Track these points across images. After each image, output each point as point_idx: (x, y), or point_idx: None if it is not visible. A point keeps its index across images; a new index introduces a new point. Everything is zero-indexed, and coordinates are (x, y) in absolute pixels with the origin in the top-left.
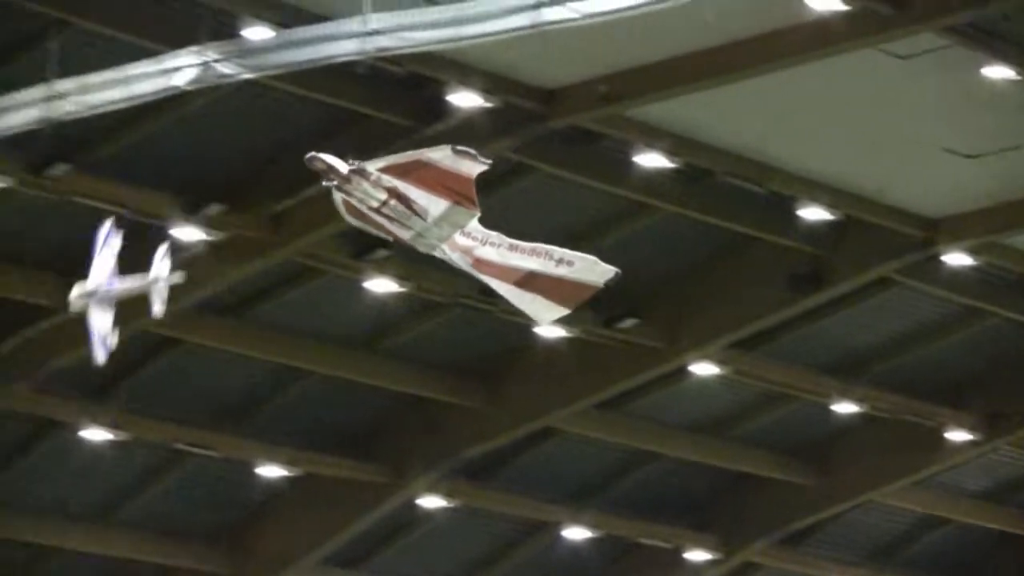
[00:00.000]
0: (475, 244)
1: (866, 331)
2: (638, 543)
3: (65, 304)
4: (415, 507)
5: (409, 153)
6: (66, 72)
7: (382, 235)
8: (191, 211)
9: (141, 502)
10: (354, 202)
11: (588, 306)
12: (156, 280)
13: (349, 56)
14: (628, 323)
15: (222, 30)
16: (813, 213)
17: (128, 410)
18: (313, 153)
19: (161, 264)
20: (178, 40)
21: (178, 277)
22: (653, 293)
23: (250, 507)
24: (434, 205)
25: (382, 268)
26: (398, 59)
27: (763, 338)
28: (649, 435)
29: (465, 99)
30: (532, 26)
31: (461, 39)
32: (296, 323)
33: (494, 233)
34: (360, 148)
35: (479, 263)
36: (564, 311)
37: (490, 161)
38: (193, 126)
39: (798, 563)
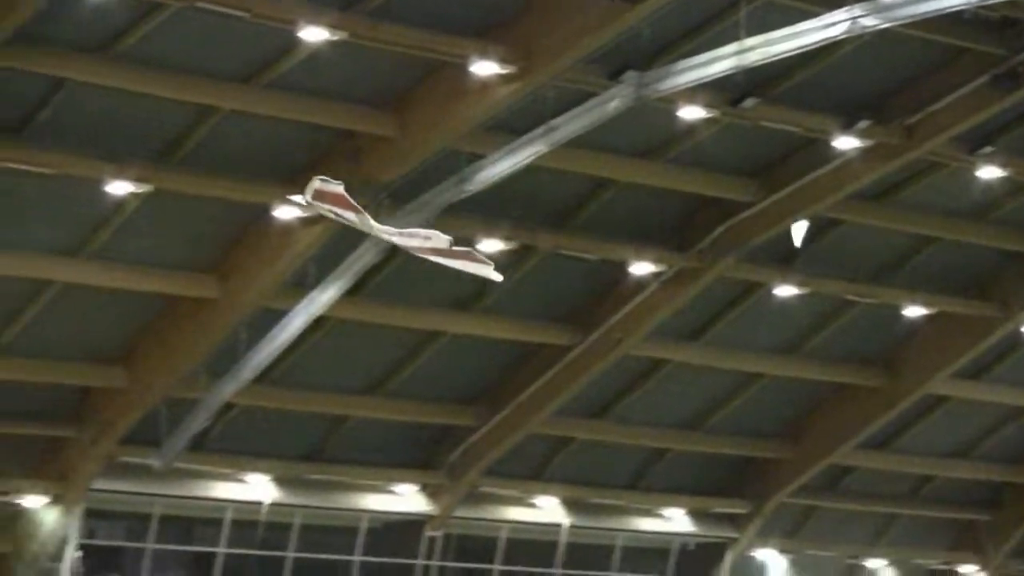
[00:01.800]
0: (386, 235)
1: None
2: None
3: (761, 199)
4: (1019, 333)
5: (308, 187)
6: (751, 32)
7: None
8: (847, 126)
9: (821, 339)
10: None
11: None
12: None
13: (958, 7)
14: None
15: None
16: None
17: (808, 271)
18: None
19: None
20: (833, 3)
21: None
22: None
23: (896, 339)
24: (351, 216)
25: (989, 160)
26: (993, 7)
27: None
28: None
29: None
30: None
31: None
32: (925, 202)
33: (387, 227)
34: (960, 76)
35: (404, 247)
36: (487, 264)
37: (340, 182)
38: (843, 64)
39: None
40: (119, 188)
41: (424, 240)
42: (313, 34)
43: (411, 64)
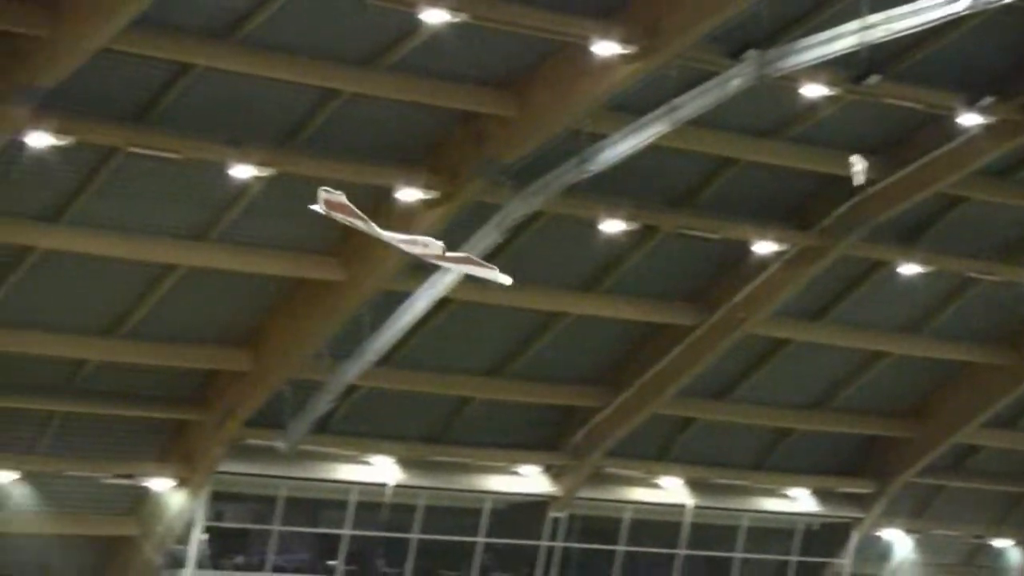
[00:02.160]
0: (392, 241)
1: None
2: None
3: (884, 177)
4: None
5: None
6: (873, 9)
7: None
8: (970, 103)
9: (946, 317)
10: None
11: None
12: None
13: None
14: None
15: None
16: None
17: (932, 249)
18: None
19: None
20: None
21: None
22: None
23: (1022, 317)
24: (362, 224)
25: None
26: None
27: None
28: None
29: None
30: None
31: None
32: None
33: (392, 233)
34: None
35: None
36: (492, 269)
37: (341, 192)
38: (967, 41)
39: None
40: (243, 172)
41: (424, 247)
42: (434, 16)
43: (532, 45)
